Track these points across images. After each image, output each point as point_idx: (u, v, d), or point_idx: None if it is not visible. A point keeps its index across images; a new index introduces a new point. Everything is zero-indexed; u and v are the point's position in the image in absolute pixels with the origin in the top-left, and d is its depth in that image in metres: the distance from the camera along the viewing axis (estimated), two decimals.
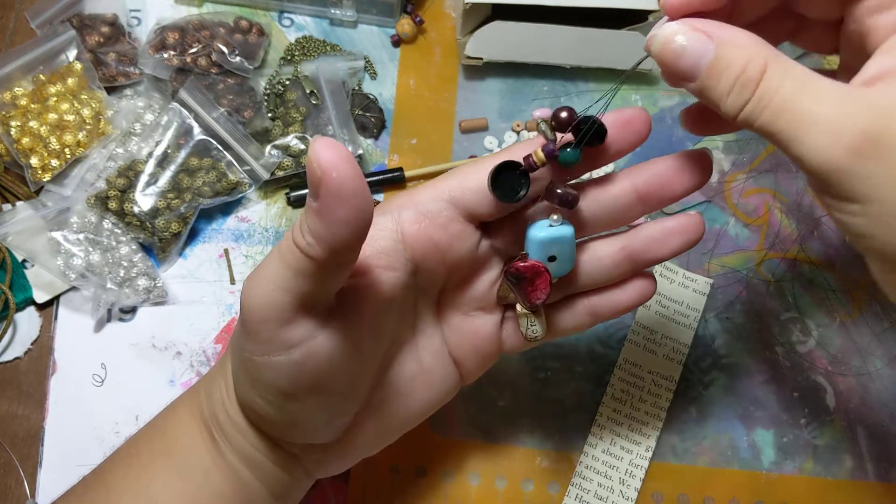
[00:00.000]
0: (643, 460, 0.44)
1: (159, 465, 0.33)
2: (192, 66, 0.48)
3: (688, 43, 0.27)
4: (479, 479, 0.44)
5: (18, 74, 0.47)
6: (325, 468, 0.35)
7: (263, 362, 0.29)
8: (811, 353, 0.48)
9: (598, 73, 0.53)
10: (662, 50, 0.28)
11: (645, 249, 0.34)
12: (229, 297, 0.47)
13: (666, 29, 0.28)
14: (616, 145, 0.32)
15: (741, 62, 0.26)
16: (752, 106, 0.26)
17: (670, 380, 0.46)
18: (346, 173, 0.25)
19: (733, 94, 0.26)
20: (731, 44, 0.26)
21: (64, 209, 0.45)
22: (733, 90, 0.26)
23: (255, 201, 0.49)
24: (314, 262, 0.26)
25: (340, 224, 0.25)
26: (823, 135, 0.24)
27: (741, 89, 0.26)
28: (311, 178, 0.25)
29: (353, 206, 0.25)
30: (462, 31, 0.51)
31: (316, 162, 0.25)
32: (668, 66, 0.28)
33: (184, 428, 0.34)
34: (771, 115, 0.25)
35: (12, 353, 0.45)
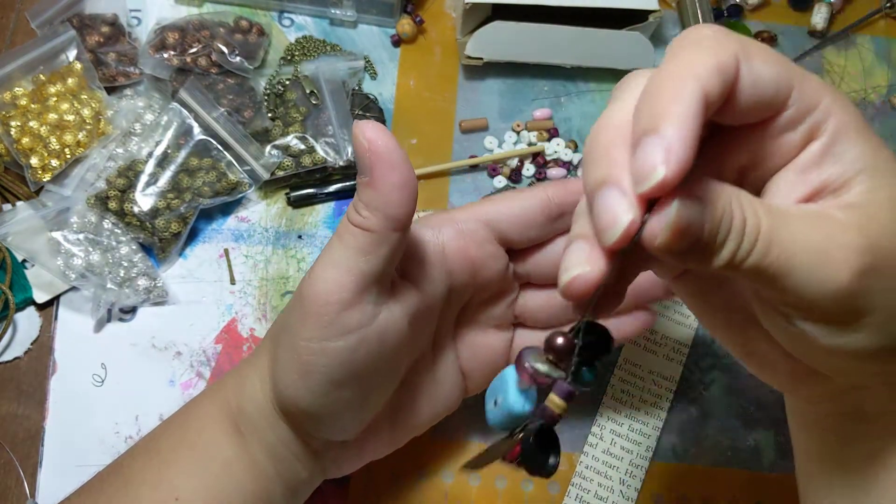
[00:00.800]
0: (643, 460, 0.44)
1: (180, 457, 0.33)
2: (192, 66, 0.48)
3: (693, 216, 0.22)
4: (479, 479, 0.44)
5: (18, 74, 0.47)
6: (339, 467, 0.37)
7: (320, 348, 0.30)
8: None
9: (598, 73, 0.53)
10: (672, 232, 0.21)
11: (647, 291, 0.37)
12: (229, 297, 0.47)
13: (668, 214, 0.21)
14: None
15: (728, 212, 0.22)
16: (742, 252, 0.23)
17: (671, 380, 0.46)
18: (391, 143, 0.28)
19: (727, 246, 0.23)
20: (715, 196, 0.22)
21: (64, 209, 0.45)
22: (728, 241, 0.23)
23: (255, 201, 0.49)
24: (373, 235, 0.29)
25: (394, 189, 0.29)
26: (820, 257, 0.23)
27: (734, 239, 0.23)
28: (360, 154, 0.28)
29: (402, 171, 0.29)
30: (462, 31, 0.51)
31: (363, 136, 0.28)
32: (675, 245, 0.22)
33: (207, 421, 0.34)
34: (759, 255, 0.23)
35: (12, 353, 0.45)
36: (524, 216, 0.35)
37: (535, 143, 0.51)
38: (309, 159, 0.47)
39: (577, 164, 0.51)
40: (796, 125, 0.24)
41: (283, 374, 0.32)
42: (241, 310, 0.47)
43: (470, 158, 0.50)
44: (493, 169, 0.50)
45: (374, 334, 0.31)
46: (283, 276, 0.47)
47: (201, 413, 0.35)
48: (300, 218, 0.49)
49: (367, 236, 0.29)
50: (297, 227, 0.48)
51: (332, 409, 0.32)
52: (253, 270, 0.47)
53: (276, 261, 0.48)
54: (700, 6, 0.52)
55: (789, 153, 0.25)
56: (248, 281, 0.47)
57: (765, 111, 0.24)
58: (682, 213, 0.21)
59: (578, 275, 0.23)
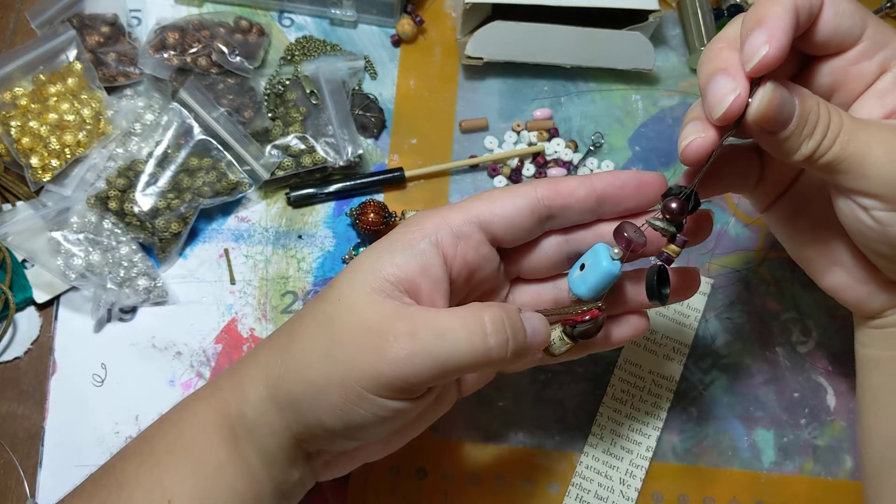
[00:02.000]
0: (643, 460, 0.44)
1: (173, 460, 0.33)
2: (192, 66, 0.48)
3: (785, 97, 0.29)
4: (479, 479, 0.44)
5: (18, 74, 0.47)
6: (331, 470, 0.36)
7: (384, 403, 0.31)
8: (811, 353, 0.48)
9: (598, 73, 0.53)
10: (767, 106, 0.29)
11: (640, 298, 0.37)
12: (229, 297, 0.47)
13: (765, 90, 0.29)
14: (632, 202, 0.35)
15: (815, 108, 0.30)
16: (826, 141, 0.30)
17: (671, 380, 0.46)
18: None
19: (813, 137, 0.30)
20: (805, 96, 0.30)
21: (64, 209, 0.45)
22: (813, 134, 0.30)
23: (255, 201, 0.49)
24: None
25: None
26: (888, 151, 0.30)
27: (819, 131, 0.30)
28: None
29: None
30: (462, 31, 0.51)
31: None
32: (771, 119, 0.29)
33: (201, 423, 0.34)
34: (841, 146, 0.30)
35: (12, 353, 0.45)
36: (515, 218, 0.34)
37: (535, 143, 0.51)
38: (309, 159, 0.47)
39: (578, 164, 0.51)
40: (871, 56, 0.30)
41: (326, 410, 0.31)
42: (241, 310, 0.47)
43: (470, 158, 0.50)
44: (493, 169, 0.50)
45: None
46: (283, 276, 0.47)
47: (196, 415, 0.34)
48: (300, 218, 0.49)
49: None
50: (297, 227, 0.48)
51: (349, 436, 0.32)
52: (253, 270, 0.47)
53: (276, 261, 0.48)
54: (700, 6, 0.52)
55: (865, 80, 0.32)
56: (248, 281, 0.47)
57: (843, 40, 0.30)
58: (776, 90, 0.28)
59: (694, 140, 0.30)
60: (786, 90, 0.29)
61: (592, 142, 0.51)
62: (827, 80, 0.33)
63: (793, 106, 0.29)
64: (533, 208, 0.34)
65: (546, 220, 0.35)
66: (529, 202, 0.34)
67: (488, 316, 0.31)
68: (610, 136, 0.52)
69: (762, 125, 0.29)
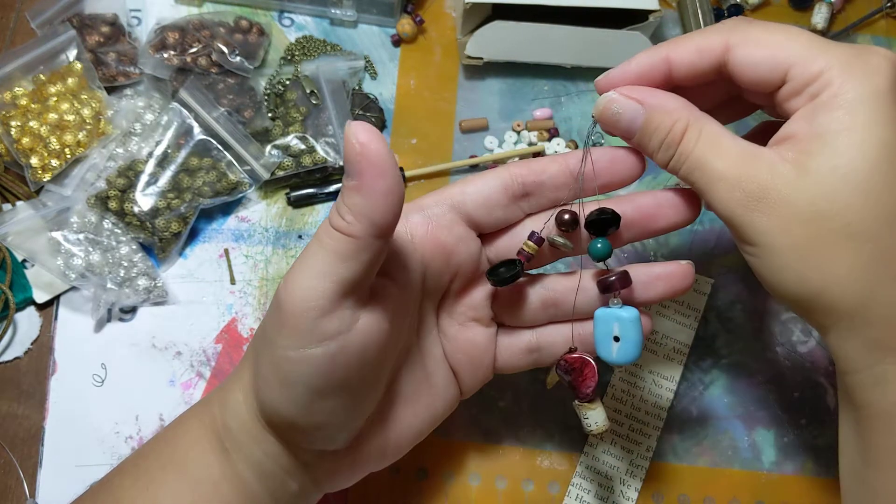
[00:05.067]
0: (644, 460, 0.44)
1: (167, 477, 0.33)
2: (192, 65, 0.48)
3: (622, 109, 0.33)
4: (479, 479, 0.44)
5: (18, 74, 0.47)
6: (334, 479, 0.35)
7: (299, 357, 0.29)
8: (812, 352, 0.48)
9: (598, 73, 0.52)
10: (602, 114, 0.34)
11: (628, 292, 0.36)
12: (229, 297, 0.47)
13: (605, 97, 0.34)
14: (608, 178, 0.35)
15: (667, 125, 0.32)
16: (674, 161, 0.32)
17: (671, 380, 0.46)
18: (382, 148, 0.27)
19: (661, 151, 0.32)
20: (658, 109, 0.32)
21: (64, 209, 0.45)
22: (661, 148, 0.32)
23: (255, 201, 0.49)
24: (355, 241, 0.28)
25: (381, 195, 0.28)
26: (725, 190, 0.30)
27: (666, 148, 0.32)
28: (350, 156, 0.28)
29: (391, 178, 0.28)
30: (462, 31, 0.51)
31: (355, 138, 0.27)
32: (609, 128, 0.34)
33: (193, 439, 0.34)
34: (688, 169, 0.32)
35: (12, 353, 0.45)
36: (488, 196, 0.34)
37: (535, 143, 0.51)
38: (309, 159, 0.47)
39: None
40: (798, 93, 0.30)
41: (265, 386, 0.31)
42: (241, 310, 0.47)
43: (470, 158, 0.50)
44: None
45: (355, 340, 0.30)
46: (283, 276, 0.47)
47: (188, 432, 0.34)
48: (300, 218, 0.49)
49: (350, 242, 0.28)
50: (297, 226, 0.48)
51: (317, 418, 0.31)
52: (253, 270, 0.47)
53: (276, 261, 0.48)
54: (700, 6, 0.52)
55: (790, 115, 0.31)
56: (249, 281, 0.47)
57: (764, 83, 0.31)
58: (611, 100, 0.33)
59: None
60: (631, 103, 0.33)
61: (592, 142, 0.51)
62: (775, 113, 0.34)
63: (634, 118, 0.33)
64: (505, 185, 0.34)
65: (521, 198, 0.35)
66: (501, 180, 0.35)
67: None
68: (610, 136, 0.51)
69: (605, 128, 0.34)
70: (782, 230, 0.29)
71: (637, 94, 0.33)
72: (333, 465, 0.35)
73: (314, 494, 0.36)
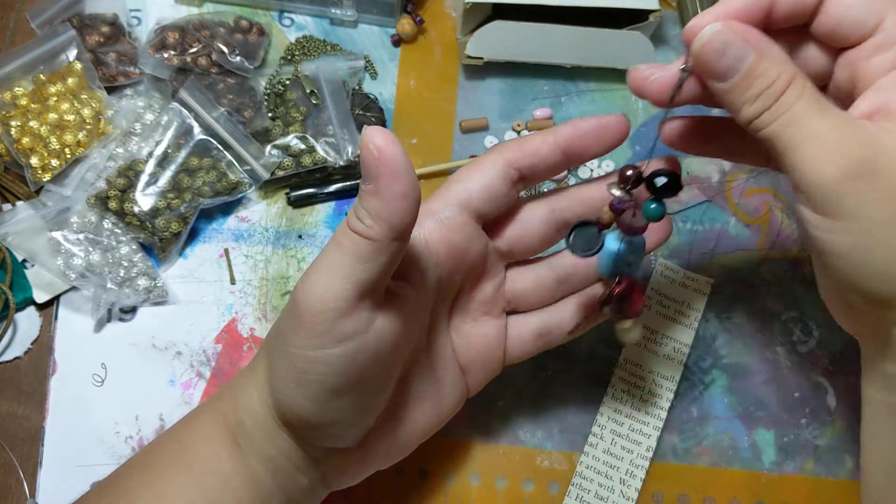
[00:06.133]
0: (644, 460, 0.44)
1: (176, 473, 0.33)
2: (193, 65, 0.48)
3: (731, 44, 0.28)
4: (479, 479, 0.44)
5: (18, 74, 0.47)
6: (343, 477, 0.36)
7: (316, 356, 0.30)
8: (812, 353, 0.48)
9: (598, 73, 0.53)
10: (705, 47, 0.29)
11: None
12: (229, 297, 0.47)
13: (712, 27, 0.29)
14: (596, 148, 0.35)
15: (773, 74, 0.28)
16: (769, 114, 0.28)
17: (671, 380, 0.46)
18: (398, 152, 0.28)
19: (757, 101, 0.28)
20: (767, 55, 0.28)
21: (64, 209, 0.45)
22: (759, 98, 0.28)
23: (255, 201, 0.49)
24: (373, 244, 0.28)
25: (398, 199, 0.28)
26: (823, 151, 0.27)
27: (766, 98, 0.28)
28: (367, 161, 0.28)
29: (408, 181, 0.28)
30: (462, 31, 0.51)
31: (372, 144, 0.27)
32: (706, 62, 0.29)
33: (204, 435, 0.34)
34: (781, 125, 0.28)
35: (12, 353, 0.45)
36: (491, 188, 0.35)
37: None
38: (309, 159, 0.47)
39: None
40: (885, 50, 0.28)
41: (280, 384, 0.31)
42: (241, 310, 0.47)
43: (470, 158, 0.50)
44: None
45: (371, 341, 0.30)
46: (284, 276, 0.47)
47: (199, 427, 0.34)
48: (300, 218, 0.49)
49: (368, 244, 0.28)
50: (297, 226, 0.48)
51: (332, 416, 0.31)
52: (253, 270, 0.47)
53: (276, 261, 0.48)
54: (700, 6, 0.52)
55: (877, 74, 0.29)
56: (249, 281, 0.47)
57: (852, 31, 0.29)
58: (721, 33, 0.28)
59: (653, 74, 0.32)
60: (740, 41, 0.28)
61: None
62: (845, 74, 0.31)
63: (740, 58, 0.28)
64: (504, 175, 0.35)
65: (518, 182, 0.35)
66: (500, 170, 0.35)
67: None
68: None
69: (699, 65, 0.29)
70: (882, 203, 0.27)
71: (748, 34, 0.29)
72: (343, 462, 0.35)
73: (322, 491, 0.36)
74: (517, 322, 0.39)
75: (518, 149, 0.35)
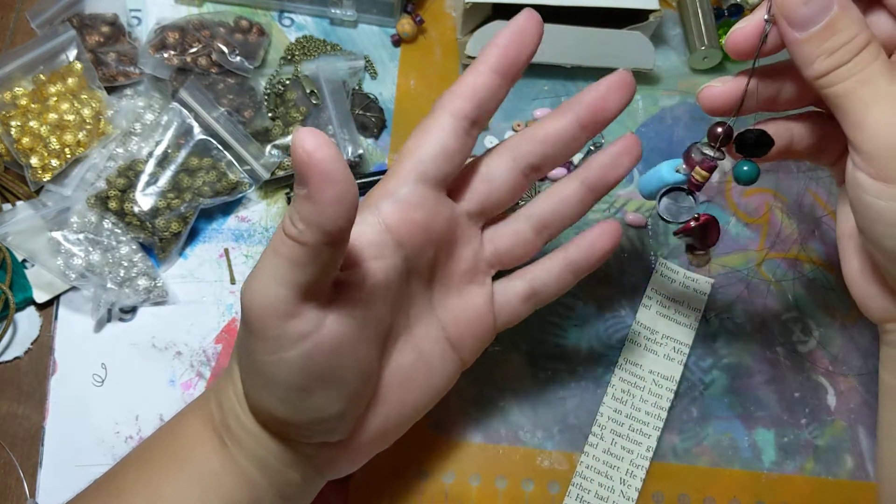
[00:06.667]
0: (644, 460, 0.44)
1: (171, 469, 0.33)
2: (193, 65, 0.48)
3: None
4: (479, 479, 0.44)
5: (18, 74, 0.47)
6: (337, 467, 0.36)
7: (275, 361, 0.29)
8: (812, 353, 0.48)
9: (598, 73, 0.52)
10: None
11: (601, 176, 0.37)
12: (229, 297, 0.47)
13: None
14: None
15: (853, 30, 0.28)
16: (844, 70, 0.28)
17: (671, 380, 0.46)
18: (330, 155, 0.26)
19: (833, 56, 0.28)
20: (849, 11, 0.28)
21: (64, 209, 0.45)
22: (836, 53, 0.28)
23: (255, 201, 0.49)
24: (308, 249, 0.27)
25: (331, 203, 0.27)
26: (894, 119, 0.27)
27: (843, 54, 0.28)
28: (298, 165, 0.26)
29: (340, 185, 0.27)
30: (462, 31, 0.51)
31: (301, 148, 0.26)
32: (789, 7, 0.29)
33: (194, 434, 0.34)
34: (856, 83, 0.28)
35: (12, 353, 0.45)
36: (444, 148, 0.34)
37: None
38: None
39: (578, 164, 0.51)
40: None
41: (251, 390, 0.31)
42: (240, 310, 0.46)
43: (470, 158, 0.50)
44: None
45: (327, 339, 0.30)
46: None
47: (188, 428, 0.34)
48: None
49: (302, 250, 0.27)
50: None
51: (312, 414, 0.31)
52: None
53: None
54: (700, 6, 0.52)
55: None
56: None
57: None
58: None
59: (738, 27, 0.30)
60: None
61: (593, 141, 0.51)
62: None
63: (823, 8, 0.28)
64: (454, 130, 0.34)
65: (472, 129, 0.35)
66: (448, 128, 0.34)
67: None
68: (610, 135, 0.51)
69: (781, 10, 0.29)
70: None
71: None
72: (336, 453, 0.35)
73: (319, 482, 0.36)
74: (504, 287, 0.38)
75: (456, 94, 0.34)
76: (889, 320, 0.34)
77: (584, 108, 0.35)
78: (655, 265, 0.48)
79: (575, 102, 0.36)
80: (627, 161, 0.37)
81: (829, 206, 0.51)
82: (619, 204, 0.50)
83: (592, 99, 0.35)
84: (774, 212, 0.50)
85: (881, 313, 0.34)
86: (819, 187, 0.51)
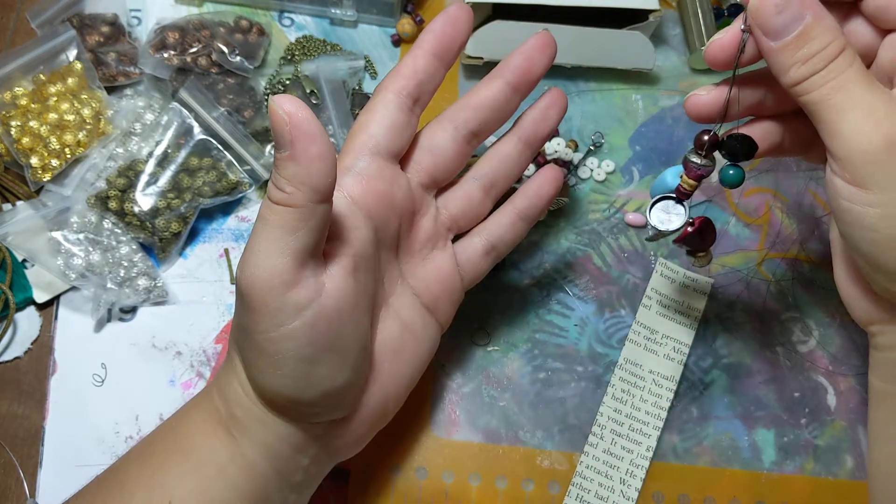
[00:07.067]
0: (644, 460, 0.44)
1: (174, 462, 0.33)
2: (193, 65, 0.48)
3: (789, 3, 0.29)
4: (479, 479, 0.44)
5: (18, 74, 0.47)
6: (346, 446, 0.36)
7: (280, 335, 0.30)
8: (812, 352, 0.48)
9: (598, 73, 0.53)
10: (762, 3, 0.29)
11: (535, 131, 0.40)
12: (229, 297, 0.47)
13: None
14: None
15: (827, 38, 0.29)
16: (818, 77, 0.29)
17: (671, 379, 0.46)
18: (310, 115, 0.28)
19: (807, 64, 0.29)
20: (823, 20, 0.29)
21: (64, 209, 0.45)
22: (810, 61, 0.29)
23: (255, 201, 0.49)
24: (299, 211, 0.28)
25: (316, 160, 0.28)
26: (871, 120, 0.28)
27: (816, 62, 0.29)
28: (279, 128, 0.28)
29: (323, 142, 0.28)
30: None
31: (281, 109, 0.27)
32: (762, 18, 0.29)
33: (198, 427, 0.34)
34: (830, 90, 0.29)
35: (12, 353, 0.45)
36: (392, 122, 0.35)
37: None
38: None
39: (578, 164, 0.51)
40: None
41: (259, 374, 0.32)
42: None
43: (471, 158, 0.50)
44: None
45: (328, 304, 0.30)
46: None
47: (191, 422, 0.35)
48: None
49: (293, 213, 0.28)
50: None
51: (320, 388, 0.32)
52: None
53: None
54: (700, 6, 0.52)
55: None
56: None
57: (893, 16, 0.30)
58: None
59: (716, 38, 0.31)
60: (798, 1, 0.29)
61: (593, 141, 0.51)
62: (889, 55, 0.31)
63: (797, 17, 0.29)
64: (399, 106, 0.36)
65: (414, 107, 0.36)
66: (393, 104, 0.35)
67: None
68: (610, 135, 0.52)
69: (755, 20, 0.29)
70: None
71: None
72: (343, 431, 0.35)
73: (327, 464, 0.37)
74: (464, 246, 0.40)
75: (398, 75, 0.36)
76: (873, 323, 0.35)
77: (512, 71, 0.37)
78: (655, 265, 0.48)
79: (503, 67, 0.38)
80: (555, 113, 0.40)
81: (828, 206, 0.51)
82: (618, 204, 0.50)
83: (519, 62, 0.37)
84: (774, 212, 0.50)
85: (865, 316, 0.35)
86: (819, 187, 0.51)
